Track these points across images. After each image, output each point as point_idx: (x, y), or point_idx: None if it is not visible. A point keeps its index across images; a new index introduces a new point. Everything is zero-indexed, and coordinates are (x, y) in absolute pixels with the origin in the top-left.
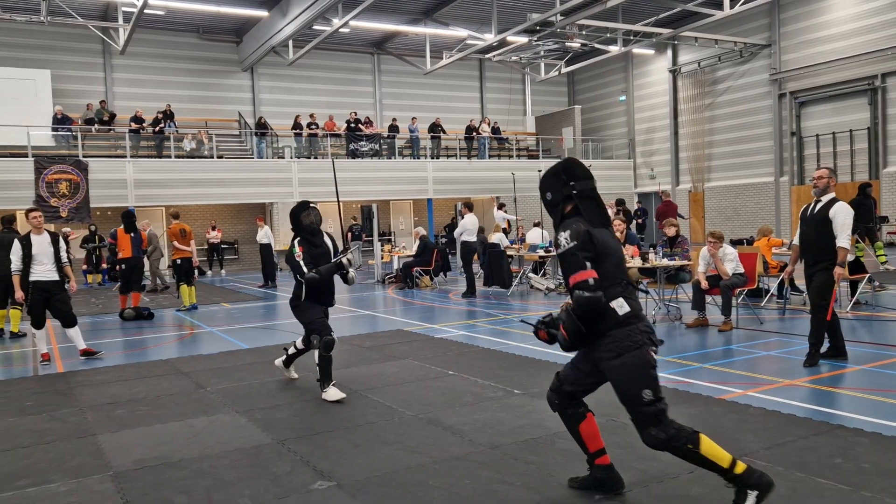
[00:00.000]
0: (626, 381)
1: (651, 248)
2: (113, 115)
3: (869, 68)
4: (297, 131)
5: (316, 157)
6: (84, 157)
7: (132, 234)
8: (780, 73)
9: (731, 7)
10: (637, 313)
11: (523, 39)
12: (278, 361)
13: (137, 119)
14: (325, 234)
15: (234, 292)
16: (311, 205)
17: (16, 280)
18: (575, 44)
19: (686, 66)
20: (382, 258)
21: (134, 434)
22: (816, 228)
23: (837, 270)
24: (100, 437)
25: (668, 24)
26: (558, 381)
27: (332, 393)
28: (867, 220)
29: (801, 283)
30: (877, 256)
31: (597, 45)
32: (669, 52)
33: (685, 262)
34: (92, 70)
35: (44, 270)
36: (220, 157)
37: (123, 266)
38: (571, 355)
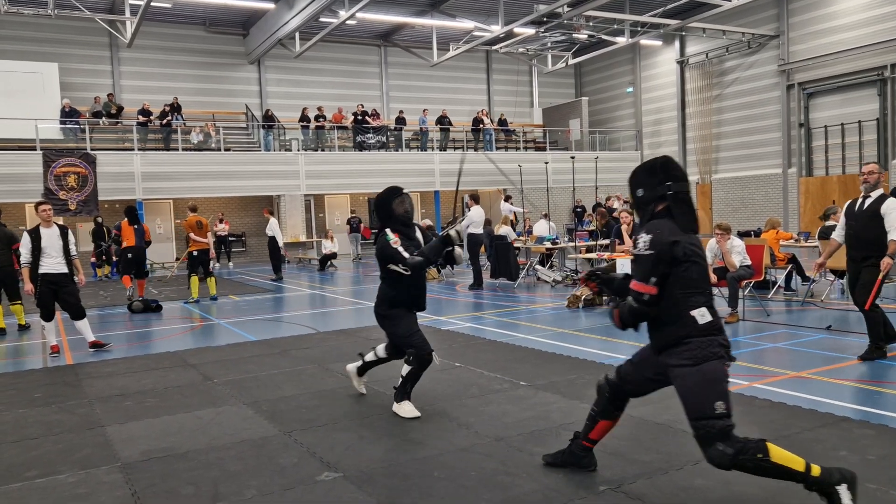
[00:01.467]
0: (701, 391)
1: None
2: (120, 108)
3: (878, 59)
4: (305, 124)
5: (323, 150)
6: (92, 150)
7: (135, 226)
8: (788, 63)
9: None
10: (718, 325)
11: (530, 31)
12: (351, 368)
13: (145, 112)
14: (416, 226)
15: (242, 284)
16: (404, 191)
17: (25, 272)
18: (582, 35)
19: (694, 57)
20: None
21: (142, 425)
22: (867, 224)
23: (886, 261)
24: (108, 429)
25: (675, 14)
26: (618, 379)
27: (407, 409)
28: None
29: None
30: None
31: (604, 37)
32: (677, 44)
33: None
34: (99, 63)
35: (53, 263)
36: (227, 149)
37: (129, 255)
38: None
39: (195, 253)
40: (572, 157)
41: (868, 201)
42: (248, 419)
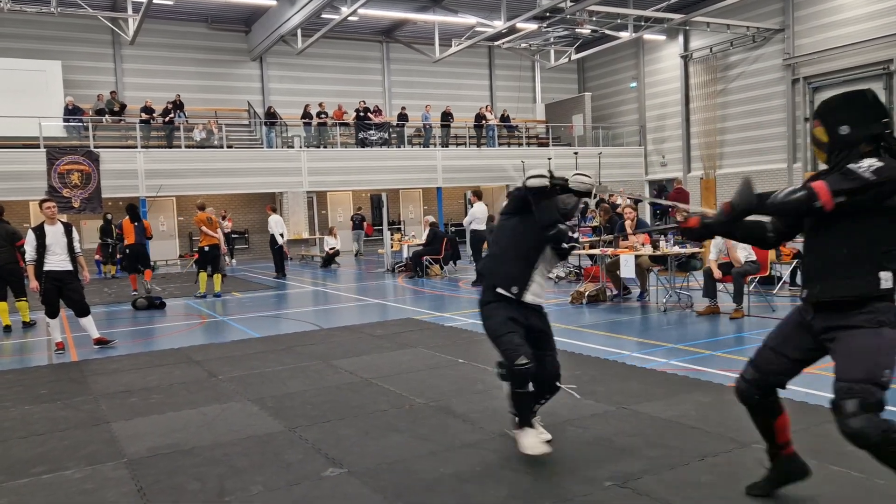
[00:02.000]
0: (875, 354)
1: (662, 236)
2: (123, 106)
3: (883, 52)
4: (307, 120)
5: (325, 147)
6: (95, 147)
7: (136, 224)
8: (793, 57)
9: None
10: (893, 293)
11: (533, 26)
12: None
13: (147, 109)
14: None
15: (246, 281)
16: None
17: (30, 270)
18: (585, 30)
19: (698, 51)
20: (392, 247)
21: (147, 422)
22: None
23: None
24: (113, 425)
25: (679, 9)
26: (758, 374)
27: (527, 442)
28: None
29: None
30: None
31: (607, 32)
32: (681, 38)
33: (696, 250)
34: (102, 61)
35: (57, 260)
36: (229, 146)
37: (128, 251)
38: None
39: (206, 248)
40: (575, 153)
41: None
42: (254, 415)
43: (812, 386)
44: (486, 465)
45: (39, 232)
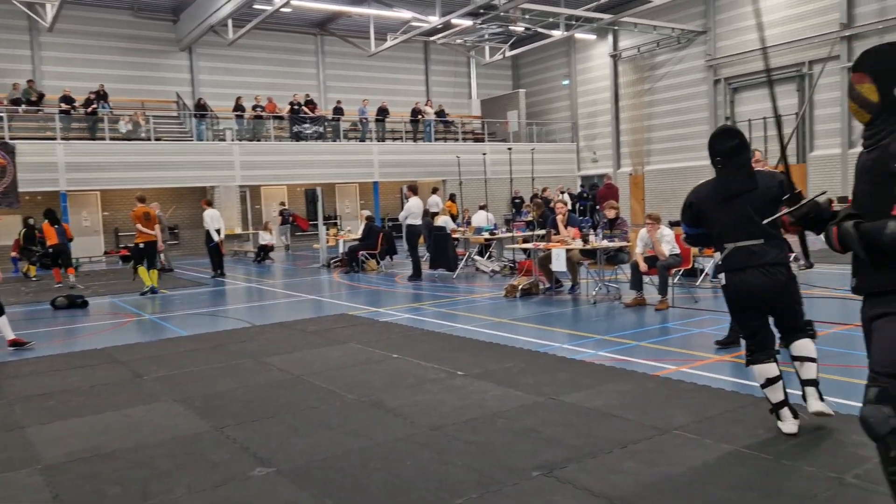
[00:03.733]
0: None
1: (592, 230)
2: (41, 95)
3: (798, 55)
4: (239, 113)
5: (259, 140)
6: (11, 139)
7: (56, 226)
8: (715, 59)
9: None
10: None
11: (468, 22)
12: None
13: (67, 99)
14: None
15: (175, 278)
16: None
17: None
18: (518, 28)
19: (626, 51)
20: (328, 242)
21: (66, 426)
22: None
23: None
24: (28, 430)
25: (608, 9)
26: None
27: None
28: None
29: None
30: None
31: (540, 30)
32: (610, 38)
33: (624, 244)
34: (18, 48)
35: None
36: (157, 139)
37: (51, 250)
38: None
39: (142, 245)
40: (509, 149)
41: None
42: (180, 416)
43: (727, 373)
44: (416, 460)
45: None
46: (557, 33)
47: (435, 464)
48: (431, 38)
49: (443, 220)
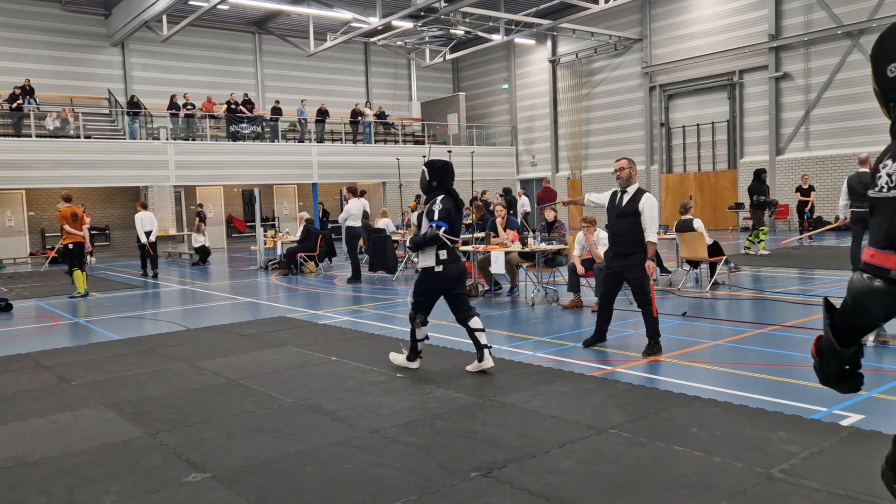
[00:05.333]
0: None
1: (531, 233)
2: None
3: (729, 65)
4: (174, 111)
5: (194, 139)
6: None
7: None
8: (650, 66)
9: (606, 1)
10: None
11: (408, 24)
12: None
13: None
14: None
15: (106, 280)
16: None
17: None
18: (459, 31)
19: (565, 56)
20: (265, 244)
21: None
22: (631, 220)
23: (649, 265)
24: None
25: (548, 14)
26: None
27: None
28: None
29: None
30: (758, 242)
31: (480, 34)
32: (549, 43)
33: (562, 247)
34: None
35: None
36: (87, 137)
37: None
38: None
39: (70, 246)
40: (449, 151)
41: (627, 197)
42: (109, 422)
43: (660, 373)
44: (354, 463)
45: None
46: (497, 37)
47: (373, 467)
48: (372, 40)
49: (383, 223)
